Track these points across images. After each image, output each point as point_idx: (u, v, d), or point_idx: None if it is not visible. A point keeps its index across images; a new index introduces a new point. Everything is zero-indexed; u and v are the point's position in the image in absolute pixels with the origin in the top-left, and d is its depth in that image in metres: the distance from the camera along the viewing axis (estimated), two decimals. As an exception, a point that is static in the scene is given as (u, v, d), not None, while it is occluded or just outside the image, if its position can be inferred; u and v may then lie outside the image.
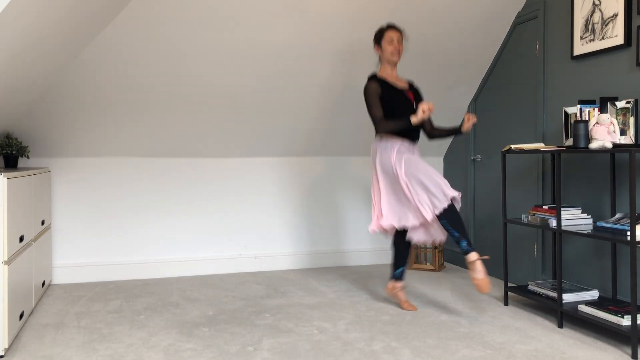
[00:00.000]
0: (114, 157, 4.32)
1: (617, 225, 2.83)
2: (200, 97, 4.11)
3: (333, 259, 4.85)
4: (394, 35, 3.42)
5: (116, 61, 3.76)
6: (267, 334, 2.99)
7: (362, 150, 4.85)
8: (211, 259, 4.55)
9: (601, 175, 3.34)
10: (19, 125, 3.98)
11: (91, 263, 4.28)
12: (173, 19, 3.60)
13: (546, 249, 3.81)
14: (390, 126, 3.31)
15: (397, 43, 3.42)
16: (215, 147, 4.48)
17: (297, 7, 3.71)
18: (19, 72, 3.05)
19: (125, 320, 3.25)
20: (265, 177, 4.69)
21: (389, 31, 3.44)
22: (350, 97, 4.39)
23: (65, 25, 3.00)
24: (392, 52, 3.41)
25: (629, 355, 2.66)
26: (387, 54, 3.42)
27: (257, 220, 4.68)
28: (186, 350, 2.76)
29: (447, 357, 2.65)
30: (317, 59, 4.07)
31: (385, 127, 3.32)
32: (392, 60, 3.43)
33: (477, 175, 4.58)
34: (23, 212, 3.13)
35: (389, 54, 3.42)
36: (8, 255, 2.76)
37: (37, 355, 2.70)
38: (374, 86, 3.37)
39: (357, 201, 4.93)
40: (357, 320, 3.24)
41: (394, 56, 3.42)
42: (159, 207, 4.44)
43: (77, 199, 4.26)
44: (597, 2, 3.36)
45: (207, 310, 3.45)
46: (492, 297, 3.73)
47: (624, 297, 3.17)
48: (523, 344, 2.82)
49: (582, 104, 3.20)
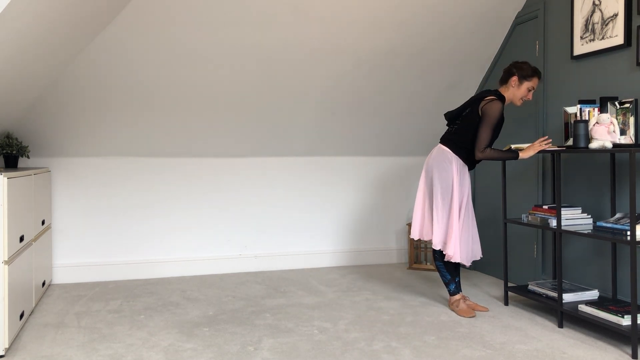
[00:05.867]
0: (114, 157, 4.32)
1: (617, 225, 2.83)
2: (200, 96, 4.11)
3: (334, 258, 4.85)
4: (535, 85, 3.31)
5: (116, 61, 3.76)
6: (267, 334, 2.99)
7: (362, 150, 4.85)
8: (211, 259, 4.55)
9: (601, 175, 3.34)
10: (19, 125, 3.98)
11: (91, 263, 4.28)
12: (173, 19, 3.60)
13: (546, 249, 3.81)
14: (496, 155, 3.22)
15: (531, 94, 3.33)
16: (216, 147, 4.48)
17: (298, 8, 3.71)
18: (19, 72, 3.05)
19: (126, 320, 3.25)
20: (265, 177, 4.69)
21: (536, 79, 3.29)
22: (351, 98, 4.40)
23: (65, 26, 3.01)
24: (523, 98, 3.30)
25: (629, 355, 2.66)
26: (519, 96, 3.29)
27: (257, 220, 4.68)
28: (186, 350, 2.76)
29: (447, 357, 2.65)
30: (317, 59, 4.06)
31: (488, 155, 3.21)
32: (516, 103, 3.33)
33: (477, 175, 4.58)
34: (23, 212, 3.13)
35: (519, 97, 3.30)
36: (8, 255, 2.76)
37: (37, 355, 2.70)
38: (502, 112, 3.23)
39: (357, 201, 4.93)
40: (357, 320, 3.24)
41: (520, 102, 3.32)
42: (159, 207, 4.44)
43: (77, 199, 4.26)
44: (597, 2, 3.36)
45: (207, 310, 3.45)
46: (492, 297, 3.73)
47: (624, 297, 3.17)
48: (523, 344, 2.82)
49: (582, 104, 3.20)
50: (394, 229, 5.01)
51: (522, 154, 3.21)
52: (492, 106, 3.20)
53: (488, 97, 3.26)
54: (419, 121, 4.71)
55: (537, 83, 3.30)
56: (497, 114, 3.19)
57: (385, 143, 4.84)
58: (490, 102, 3.23)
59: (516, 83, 3.28)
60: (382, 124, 4.67)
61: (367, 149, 4.84)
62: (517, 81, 3.28)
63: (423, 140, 4.79)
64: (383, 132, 4.74)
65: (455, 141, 3.33)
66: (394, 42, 4.10)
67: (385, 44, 4.10)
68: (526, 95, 3.30)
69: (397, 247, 5.01)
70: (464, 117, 3.34)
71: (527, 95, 3.31)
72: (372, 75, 4.29)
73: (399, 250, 5.01)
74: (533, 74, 3.27)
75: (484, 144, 3.20)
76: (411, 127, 4.75)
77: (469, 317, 3.27)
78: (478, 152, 3.22)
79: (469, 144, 3.29)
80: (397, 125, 4.70)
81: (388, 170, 4.99)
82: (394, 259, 4.99)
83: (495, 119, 3.20)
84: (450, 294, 3.39)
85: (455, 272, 3.41)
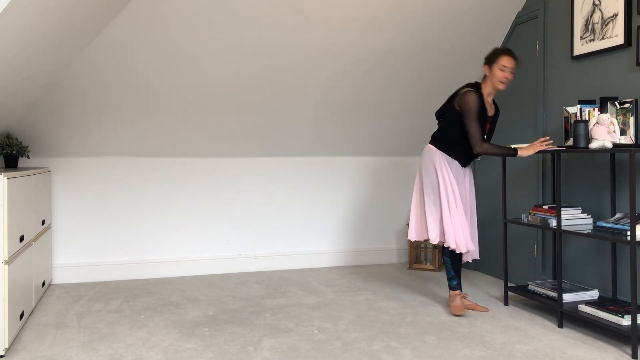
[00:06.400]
0: (114, 157, 4.32)
1: (617, 225, 2.83)
2: (200, 97, 4.11)
3: (333, 259, 4.85)
4: (509, 64, 3.23)
5: (116, 61, 3.76)
6: (267, 334, 2.99)
7: (362, 150, 4.85)
8: (211, 259, 4.55)
9: (601, 175, 3.34)
10: (19, 125, 3.98)
11: (91, 263, 4.28)
12: (173, 19, 3.60)
13: (546, 249, 3.81)
14: (493, 150, 3.21)
15: (509, 72, 3.25)
16: (216, 147, 4.48)
17: (298, 9, 3.71)
18: (19, 72, 3.05)
19: (126, 320, 3.25)
20: (265, 177, 4.69)
21: (505, 57, 3.24)
22: (351, 98, 4.40)
23: (65, 26, 3.01)
24: (501, 79, 3.25)
25: (629, 355, 2.66)
26: (495, 80, 3.25)
27: (257, 220, 4.68)
28: (186, 350, 2.76)
29: (447, 357, 2.65)
30: (317, 59, 4.06)
31: (484, 150, 3.21)
32: (497, 87, 3.27)
33: (477, 175, 4.58)
34: (23, 212, 3.13)
35: (497, 81, 3.25)
36: (8, 255, 2.76)
37: (37, 355, 2.70)
38: (478, 101, 3.22)
39: (357, 201, 4.93)
40: (357, 320, 3.24)
41: (501, 85, 3.26)
42: (159, 207, 4.44)
43: (77, 199, 4.26)
44: (597, 2, 3.36)
45: (207, 310, 3.45)
46: (492, 297, 3.73)
47: (624, 297, 3.17)
48: (523, 344, 2.82)
49: (582, 104, 3.20)
50: (394, 229, 5.01)
51: (521, 151, 3.21)
52: (465, 98, 3.22)
53: (462, 90, 3.29)
54: (419, 121, 4.71)
55: (508, 61, 3.25)
56: (473, 104, 3.20)
57: (385, 143, 4.84)
58: (463, 95, 3.25)
59: (488, 70, 3.30)
60: (382, 124, 4.67)
61: (367, 149, 4.84)
62: (488, 68, 3.30)
63: (423, 140, 4.78)
64: (383, 132, 4.74)
65: (438, 137, 3.39)
66: (394, 42, 4.11)
67: (385, 44, 4.10)
68: (503, 76, 3.25)
69: (397, 247, 5.01)
70: (445, 114, 3.40)
71: (504, 75, 3.25)
72: (372, 75, 4.29)
73: (399, 250, 5.01)
74: (497, 54, 3.28)
75: (476, 137, 3.21)
76: (411, 127, 4.75)
77: (458, 314, 3.28)
78: (476, 147, 3.22)
79: (451, 138, 3.33)
80: (397, 125, 4.70)
81: (388, 170, 4.99)
82: (394, 259, 4.99)
83: (473, 110, 3.20)
84: (450, 288, 3.39)
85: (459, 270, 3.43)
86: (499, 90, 3.31)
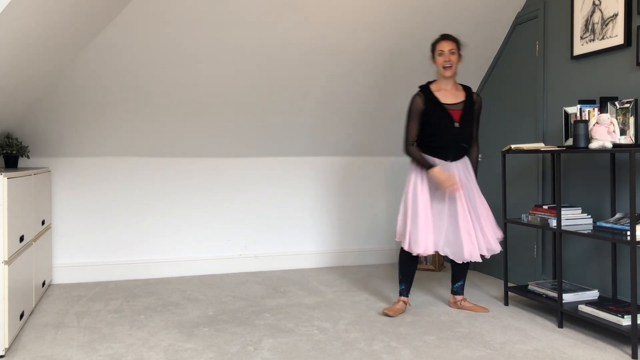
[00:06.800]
0: (114, 157, 4.32)
1: (617, 225, 2.83)
2: (200, 96, 4.11)
3: (333, 259, 4.85)
4: (445, 46, 3.25)
5: (116, 61, 3.76)
6: (267, 334, 2.99)
7: (362, 151, 4.85)
8: (211, 259, 4.55)
9: (601, 175, 3.34)
10: (19, 125, 3.98)
11: (91, 263, 4.28)
12: (173, 19, 3.60)
13: (546, 249, 3.81)
14: (415, 156, 3.27)
15: (448, 54, 3.24)
16: (216, 147, 4.48)
17: (297, 8, 3.71)
18: (19, 72, 3.05)
19: (126, 320, 3.25)
20: (265, 177, 4.69)
21: (441, 42, 3.28)
22: (351, 98, 4.39)
23: (65, 25, 3.01)
24: (443, 64, 3.26)
25: (629, 355, 2.66)
26: (439, 68, 3.28)
27: (257, 220, 4.68)
28: (186, 350, 2.76)
29: (447, 357, 2.65)
30: (317, 59, 4.07)
31: (409, 152, 3.30)
32: (443, 73, 3.27)
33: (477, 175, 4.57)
34: (23, 212, 3.13)
35: (440, 68, 3.27)
36: (8, 255, 2.76)
37: (37, 355, 2.70)
38: (417, 102, 3.28)
39: (357, 201, 4.93)
40: (357, 320, 3.24)
41: (445, 70, 3.25)
42: (159, 207, 4.44)
43: (77, 199, 4.26)
44: (597, 2, 3.36)
45: (207, 310, 3.45)
46: (492, 297, 3.73)
47: (624, 297, 3.17)
48: (523, 344, 2.82)
49: (582, 104, 3.20)
50: (395, 229, 5.01)
51: (432, 172, 3.19)
52: (409, 103, 3.33)
53: None
54: (419, 121, 4.70)
55: (442, 44, 3.28)
56: (410, 105, 3.31)
57: (386, 143, 4.84)
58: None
59: (433, 61, 3.35)
60: (382, 124, 4.67)
61: (367, 149, 4.84)
62: (432, 60, 3.36)
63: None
64: (383, 132, 4.74)
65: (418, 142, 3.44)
66: (394, 42, 4.11)
67: (385, 44, 4.10)
68: (443, 60, 3.26)
69: (397, 248, 5.01)
70: None
71: (443, 59, 3.26)
72: (372, 75, 4.30)
73: (399, 251, 5.01)
74: (433, 43, 3.34)
75: (405, 139, 3.33)
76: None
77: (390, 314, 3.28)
78: (403, 148, 3.35)
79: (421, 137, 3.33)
80: (397, 125, 4.70)
81: (388, 170, 4.99)
82: (394, 259, 4.99)
83: (409, 112, 3.31)
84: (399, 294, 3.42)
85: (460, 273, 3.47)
86: (446, 76, 3.28)
